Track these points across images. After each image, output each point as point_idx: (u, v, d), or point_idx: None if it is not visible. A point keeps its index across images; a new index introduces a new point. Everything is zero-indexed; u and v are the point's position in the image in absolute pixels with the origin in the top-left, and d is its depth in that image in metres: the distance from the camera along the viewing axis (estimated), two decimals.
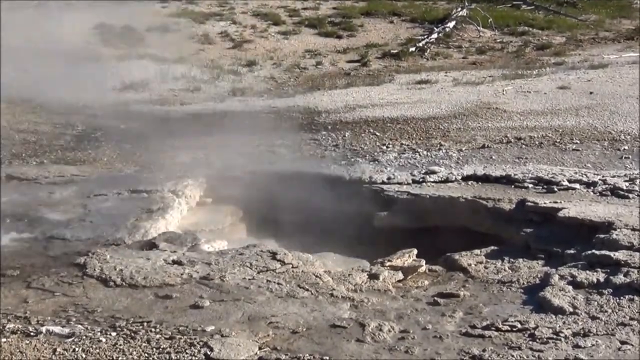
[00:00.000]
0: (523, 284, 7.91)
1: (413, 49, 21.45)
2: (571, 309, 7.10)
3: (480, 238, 9.46)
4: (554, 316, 7.00)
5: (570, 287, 7.50)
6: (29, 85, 14.92)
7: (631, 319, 6.83)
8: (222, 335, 6.67)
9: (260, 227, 10.12)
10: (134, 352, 6.42)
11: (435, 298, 7.64)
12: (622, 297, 7.22)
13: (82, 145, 11.62)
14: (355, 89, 16.75)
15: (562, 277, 7.70)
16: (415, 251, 8.82)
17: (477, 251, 8.90)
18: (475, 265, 8.57)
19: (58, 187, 10.18)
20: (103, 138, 12.07)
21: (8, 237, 8.84)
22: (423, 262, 8.70)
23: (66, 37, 18.97)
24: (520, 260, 8.55)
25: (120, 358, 6.35)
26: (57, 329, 6.80)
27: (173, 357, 6.34)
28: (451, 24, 23.65)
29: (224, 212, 10.34)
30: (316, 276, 7.95)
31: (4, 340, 6.65)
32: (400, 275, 8.39)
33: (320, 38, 22.86)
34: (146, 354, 6.40)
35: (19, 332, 6.81)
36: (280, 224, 9.88)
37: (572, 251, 8.36)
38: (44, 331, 6.78)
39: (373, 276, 8.19)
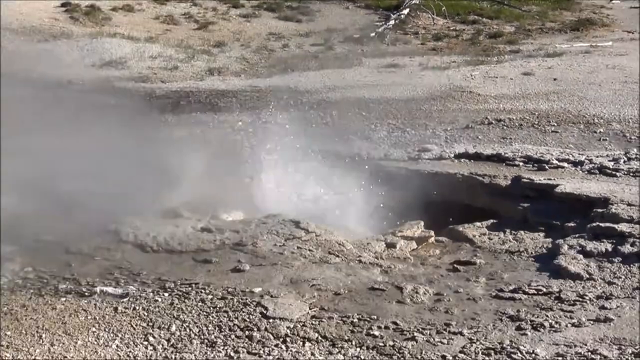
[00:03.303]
0: (531, 253, 8.37)
1: (373, 34, 21.84)
2: (587, 275, 7.58)
3: (476, 212, 9.89)
4: (572, 282, 7.48)
5: (581, 256, 7.97)
6: (7, 61, 14.89)
7: None
8: (271, 296, 7.01)
9: None
10: (193, 311, 6.72)
11: (455, 265, 8.07)
12: (631, 265, 7.73)
13: (79, 120, 11.70)
14: (328, 71, 17.10)
15: (571, 247, 8.17)
16: (422, 223, 9.22)
17: (478, 223, 9.34)
18: (480, 236, 9.00)
19: (67, 160, 10.28)
20: (97, 113, 12.16)
21: (31, 206, 8.94)
22: (432, 232, 9.11)
23: (32, 15, 18.94)
24: (522, 232, 8.99)
25: (181, 316, 6.63)
26: (110, 290, 7.06)
27: (231, 315, 6.66)
28: (405, 12, 24.09)
29: None
30: (339, 244, 8.32)
31: (63, 299, 6.88)
32: (414, 245, 8.81)
33: (281, 22, 23.14)
34: (205, 313, 6.71)
35: (72, 292, 7.05)
36: None
37: (572, 224, 8.83)
38: (97, 291, 7.02)
39: (390, 245, 8.59)
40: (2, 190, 8.66)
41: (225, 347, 6.20)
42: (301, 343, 6.28)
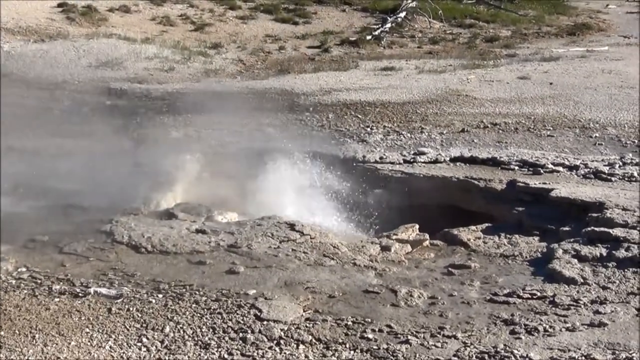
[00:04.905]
0: (526, 257, 8.35)
1: (369, 37, 21.86)
2: (581, 280, 7.57)
3: (469, 216, 9.90)
4: (567, 286, 7.47)
5: (575, 261, 7.97)
6: (4, 60, 14.93)
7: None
8: (265, 298, 7.03)
9: None
10: (187, 313, 6.73)
11: (449, 269, 8.06)
12: (626, 270, 7.72)
13: (74, 120, 11.74)
14: (324, 73, 17.11)
15: (565, 251, 8.16)
16: (417, 226, 9.20)
17: (473, 227, 9.30)
18: (475, 240, 8.97)
19: (62, 159, 10.32)
20: (92, 113, 12.20)
21: (26, 205, 8.98)
22: (427, 236, 9.09)
23: (28, 15, 18.96)
24: (517, 236, 8.95)
25: (175, 317, 6.63)
26: (104, 291, 7.06)
27: (225, 317, 6.67)
28: (402, 15, 24.11)
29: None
30: (334, 247, 8.33)
31: (57, 300, 6.87)
32: (409, 248, 8.79)
33: (277, 24, 23.14)
34: (199, 314, 6.71)
35: (66, 293, 7.05)
36: None
37: (567, 228, 8.82)
38: (92, 292, 7.02)
39: (385, 248, 8.57)
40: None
41: (219, 349, 6.20)
42: (295, 345, 6.28)
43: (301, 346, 6.28)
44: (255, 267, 7.73)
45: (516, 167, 10.72)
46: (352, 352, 6.22)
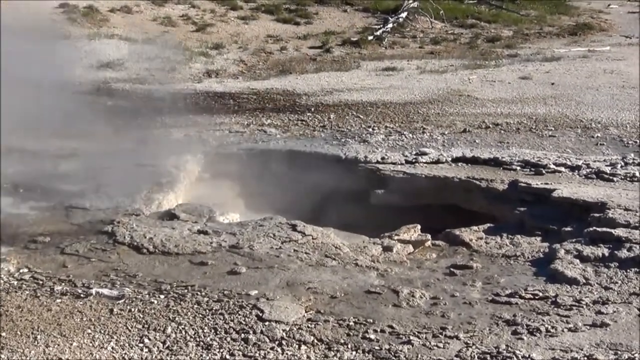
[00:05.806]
0: (528, 257, 8.31)
1: (371, 37, 21.87)
2: (584, 280, 7.55)
3: (471, 216, 9.90)
4: (569, 286, 7.45)
5: (577, 261, 7.94)
6: (4, 60, 14.88)
7: None
8: (267, 299, 7.02)
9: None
10: (189, 313, 6.73)
11: (451, 269, 8.04)
12: (628, 270, 7.70)
13: (75, 120, 11.72)
14: (325, 73, 17.16)
15: (567, 252, 8.14)
16: (419, 226, 9.18)
17: (475, 227, 9.27)
18: (477, 240, 8.92)
19: (63, 160, 10.32)
20: (93, 114, 12.18)
21: (27, 206, 8.99)
22: (429, 236, 9.07)
23: (31, 15, 18.91)
24: (519, 236, 8.91)
25: (177, 318, 6.63)
26: (106, 291, 7.06)
27: (227, 318, 6.67)
28: (403, 15, 24.13)
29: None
30: (336, 247, 8.32)
31: (58, 301, 6.87)
32: (411, 248, 8.77)
33: (279, 24, 23.17)
34: (201, 315, 6.71)
35: (68, 293, 7.05)
36: None
37: (569, 228, 8.80)
38: (93, 293, 7.02)
39: (387, 248, 8.56)
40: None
41: (221, 350, 6.20)
42: (297, 346, 6.28)
43: (303, 347, 6.27)
44: (257, 267, 7.72)
45: (518, 168, 10.69)
46: (354, 352, 6.22)
